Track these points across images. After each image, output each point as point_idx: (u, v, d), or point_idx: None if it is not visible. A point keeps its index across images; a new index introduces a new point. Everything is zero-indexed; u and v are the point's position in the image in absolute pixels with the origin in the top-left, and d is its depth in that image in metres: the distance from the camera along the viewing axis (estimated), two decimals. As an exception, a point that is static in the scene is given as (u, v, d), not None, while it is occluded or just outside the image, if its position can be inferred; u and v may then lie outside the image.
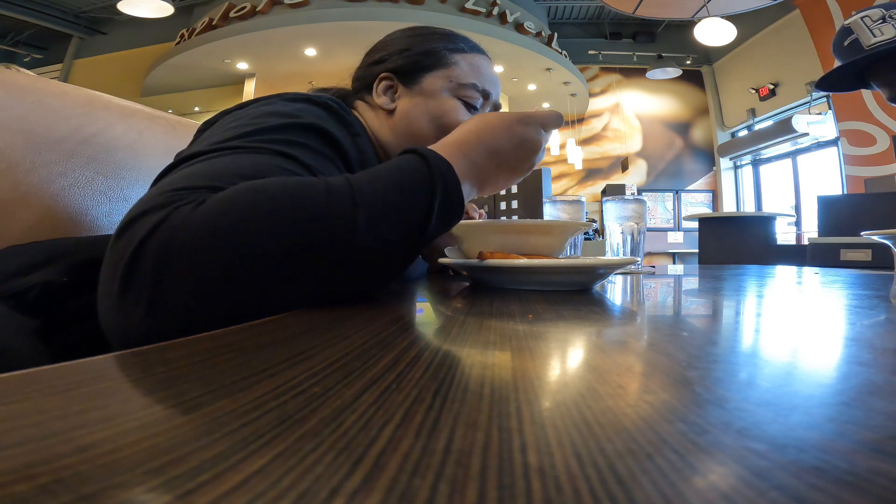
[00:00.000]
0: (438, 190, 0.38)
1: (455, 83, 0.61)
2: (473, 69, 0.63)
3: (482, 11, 5.13)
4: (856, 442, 0.11)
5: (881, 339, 0.25)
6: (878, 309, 0.37)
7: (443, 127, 0.59)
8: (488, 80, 0.64)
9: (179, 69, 5.49)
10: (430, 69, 0.61)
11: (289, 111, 0.47)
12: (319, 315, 0.32)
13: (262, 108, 0.48)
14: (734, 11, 4.48)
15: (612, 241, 0.86)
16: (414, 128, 0.61)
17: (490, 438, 0.12)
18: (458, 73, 0.61)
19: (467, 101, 0.61)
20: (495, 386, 0.16)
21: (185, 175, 0.37)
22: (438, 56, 0.62)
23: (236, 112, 0.51)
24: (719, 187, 6.61)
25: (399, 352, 0.21)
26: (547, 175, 3.73)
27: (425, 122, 0.60)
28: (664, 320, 0.36)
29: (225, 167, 0.38)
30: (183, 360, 0.19)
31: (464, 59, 0.63)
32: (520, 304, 0.37)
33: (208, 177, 0.36)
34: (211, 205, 0.32)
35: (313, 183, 0.36)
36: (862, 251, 2.23)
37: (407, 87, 0.62)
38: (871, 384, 0.16)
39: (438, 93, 0.61)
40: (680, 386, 0.16)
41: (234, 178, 0.36)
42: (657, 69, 5.95)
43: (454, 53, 0.63)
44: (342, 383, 0.16)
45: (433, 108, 0.60)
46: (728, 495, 0.09)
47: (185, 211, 0.32)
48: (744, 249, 3.00)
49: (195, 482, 0.09)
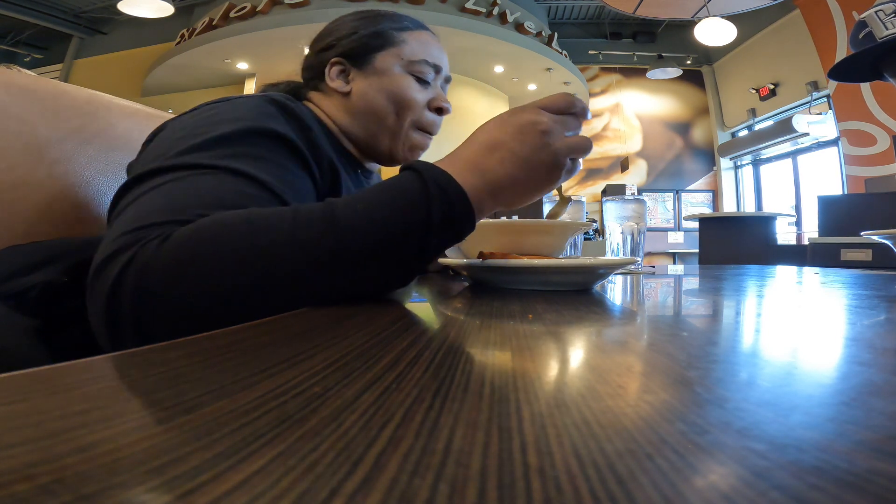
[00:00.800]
0: (435, 203, 0.36)
1: (406, 60, 0.62)
2: (422, 45, 0.64)
3: (482, 11, 5.13)
4: (856, 442, 0.11)
5: (881, 339, 0.25)
6: (879, 309, 0.37)
7: (400, 103, 0.61)
8: (436, 54, 0.66)
9: (180, 69, 5.49)
10: (379, 49, 0.63)
11: (237, 115, 0.47)
12: (320, 315, 0.32)
13: (209, 113, 0.48)
14: (734, 11, 4.48)
15: (612, 241, 0.86)
16: (373, 106, 0.62)
17: (490, 438, 0.12)
18: (407, 50, 0.63)
19: (419, 77, 0.63)
20: (495, 386, 0.16)
21: (147, 209, 0.37)
22: (387, 36, 0.63)
23: (183, 118, 0.50)
24: (719, 187, 6.61)
25: (399, 352, 0.21)
26: (547, 175, 3.74)
27: (383, 100, 0.61)
28: (664, 320, 0.36)
29: (184, 196, 0.38)
30: (183, 360, 0.19)
31: (411, 37, 0.64)
32: (520, 303, 0.37)
33: (169, 210, 0.37)
34: (176, 242, 0.33)
35: (279, 215, 0.35)
36: (862, 251, 2.23)
37: (359, 69, 0.63)
38: (871, 384, 0.16)
39: (391, 70, 0.62)
40: (680, 386, 0.16)
41: (195, 207, 0.37)
42: (657, 69, 5.94)
43: (401, 32, 0.64)
44: (342, 383, 0.16)
45: (388, 85, 0.61)
46: (728, 495, 0.09)
47: (151, 249, 0.33)
48: (744, 249, 3.00)
49: (195, 482, 0.09)
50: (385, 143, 0.63)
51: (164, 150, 0.44)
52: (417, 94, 0.62)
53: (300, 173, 0.48)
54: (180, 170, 0.41)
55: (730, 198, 6.59)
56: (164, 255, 0.33)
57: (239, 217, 0.35)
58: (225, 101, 0.51)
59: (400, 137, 0.63)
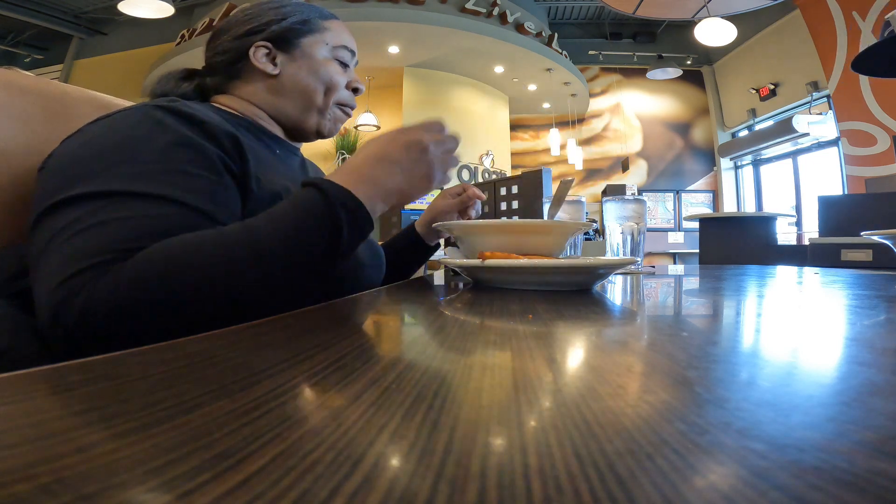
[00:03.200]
0: (343, 218, 0.44)
1: (331, 45, 0.69)
2: (340, 33, 0.71)
3: (482, 12, 5.13)
4: (856, 442, 0.11)
5: (881, 339, 0.25)
6: (878, 309, 0.37)
7: (327, 84, 0.68)
8: (352, 42, 0.73)
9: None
10: (306, 34, 0.68)
11: (129, 132, 0.48)
12: (319, 315, 0.32)
13: (100, 133, 0.48)
14: (734, 12, 4.48)
15: (612, 241, 0.86)
16: (303, 87, 0.67)
17: (490, 438, 0.12)
18: (330, 36, 0.70)
19: (341, 60, 0.70)
20: (495, 386, 0.16)
21: (84, 248, 0.39)
22: (313, 23, 0.69)
23: (71, 143, 0.49)
24: (720, 187, 6.61)
25: (399, 352, 0.21)
26: (547, 175, 3.72)
27: (313, 81, 0.67)
28: (664, 320, 0.36)
29: (118, 232, 0.41)
30: (183, 360, 0.19)
31: (331, 25, 0.71)
32: (520, 303, 0.37)
33: (105, 247, 0.39)
34: (124, 279, 0.37)
35: (211, 240, 0.41)
36: (863, 251, 2.23)
37: (287, 53, 0.67)
38: (871, 384, 0.16)
39: (319, 55, 0.68)
40: (680, 386, 0.16)
41: (131, 241, 0.40)
42: (657, 69, 5.94)
43: (324, 20, 0.71)
44: (342, 383, 0.16)
45: (318, 67, 0.67)
46: (728, 495, 0.09)
47: (102, 290, 0.37)
48: (744, 249, 3.00)
49: (195, 482, 0.09)
50: (313, 120, 0.69)
51: (63, 179, 0.44)
52: (340, 77, 0.69)
53: (205, 173, 0.48)
54: (101, 198, 0.42)
55: (730, 198, 6.59)
56: (117, 296, 0.37)
57: (174, 249, 0.39)
58: (106, 119, 0.50)
59: (326, 114, 0.70)
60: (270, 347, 0.23)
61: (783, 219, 3.48)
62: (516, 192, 4.13)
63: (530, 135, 7.09)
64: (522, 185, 4.00)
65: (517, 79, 6.05)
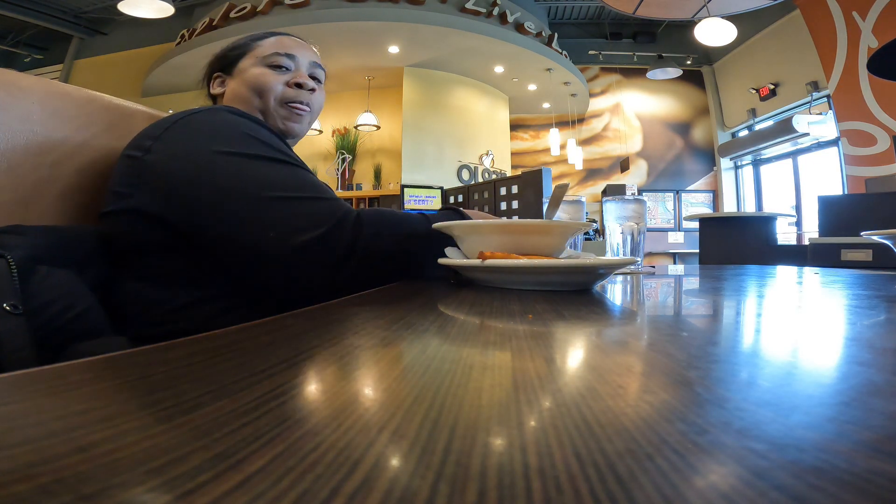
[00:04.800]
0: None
1: (261, 56, 0.78)
2: (274, 44, 0.80)
3: (482, 12, 5.13)
4: (856, 442, 0.11)
5: (881, 339, 0.25)
6: (878, 309, 0.37)
7: (257, 88, 0.76)
8: (290, 47, 0.80)
9: (180, 69, 5.49)
10: (241, 57, 0.79)
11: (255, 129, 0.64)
12: (319, 315, 0.32)
13: (246, 131, 0.62)
14: (734, 11, 4.48)
15: (612, 241, 0.86)
16: (239, 97, 0.77)
17: (490, 438, 0.12)
18: (261, 49, 0.79)
19: (276, 65, 0.78)
20: (495, 386, 0.16)
21: (326, 204, 0.59)
22: (245, 46, 0.80)
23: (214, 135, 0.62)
24: (720, 187, 6.61)
25: (398, 352, 0.21)
26: (547, 175, 3.73)
27: (245, 90, 0.77)
28: (664, 320, 0.36)
29: (320, 188, 0.62)
30: (183, 360, 0.19)
31: (266, 41, 0.80)
32: (520, 303, 0.37)
33: (335, 205, 0.60)
34: (364, 218, 0.60)
35: (399, 215, 0.65)
36: (863, 251, 2.23)
37: (230, 75, 0.80)
38: (871, 384, 0.16)
39: (249, 68, 0.78)
40: (680, 386, 0.16)
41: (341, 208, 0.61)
42: (657, 69, 5.94)
43: (257, 41, 0.80)
44: (342, 383, 0.16)
45: (248, 78, 0.77)
46: (728, 495, 0.09)
47: (353, 220, 0.59)
48: (744, 249, 3.00)
49: (195, 482, 0.09)
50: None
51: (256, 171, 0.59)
52: (272, 78, 0.77)
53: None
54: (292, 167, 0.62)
55: (730, 198, 6.59)
56: (364, 225, 0.59)
57: (384, 212, 0.64)
58: (235, 116, 0.64)
59: (271, 115, 0.77)
60: (270, 347, 0.23)
61: (783, 219, 3.48)
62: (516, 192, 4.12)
63: (530, 135, 7.09)
64: (522, 185, 4.00)
65: (517, 79, 6.05)
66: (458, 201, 4.58)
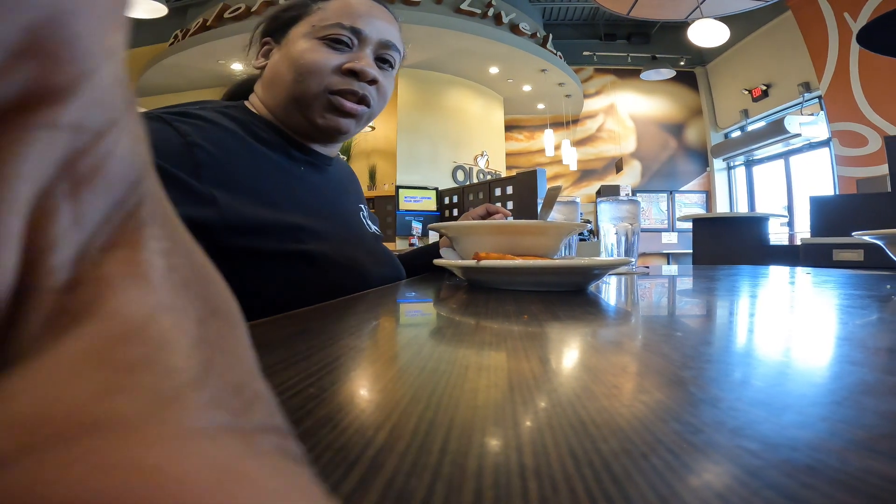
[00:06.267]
0: None
1: (317, 27, 0.60)
2: (340, 11, 0.61)
3: (478, 13, 5.13)
4: (848, 441, 0.11)
5: (873, 339, 0.26)
6: (870, 309, 0.37)
7: (300, 68, 0.58)
8: (359, 17, 0.62)
9: (174, 70, 5.46)
10: (295, 21, 0.62)
11: None
12: (314, 316, 0.32)
13: None
14: (727, 13, 4.51)
15: (606, 241, 0.87)
16: (277, 76, 0.60)
17: (486, 438, 0.12)
18: (321, 16, 0.61)
19: (333, 40, 0.60)
20: (491, 386, 0.16)
21: None
22: (301, 7, 0.62)
23: None
24: (713, 188, 6.65)
25: (394, 353, 0.21)
26: (542, 176, 3.73)
27: (284, 68, 0.60)
28: (658, 320, 0.36)
29: None
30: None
31: (331, 5, 0.62)
32: (515, 304, 0.38)
33: None
34: None
35: None
36: (854, 251, 2.25)
37: (279, 45, 0.62)
38: (863, 383, 0.17)
39: (299, 39, 0.60)
40: (674, 386, 0.16)
41: None
42: (651, 70, 5.97)
43: (320, 1, 0.62)
44: (338, 384, 0.16)
45: (293, 53, 0.59)
46: (722, 494, 0.09)
47: None
48: (737, 250, 3.02)
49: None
50: (299, 113, 0.61)
51: None
52: (321, 57, 0.59)
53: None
54: None
55: (723, 198, 6.63)
56: None
57: None
58: (170, 129, 0.49)
59: (312, 104, 0.60)
60: (266, 348, 0.23)
61: (775, 219, 3.50)
62: (511, 193, 4.13)
63: (525, 135, 7.11)
64: (517, 186, 4.00)
65: (512, 79, 6.07)
66: (453, 202, 4.59)
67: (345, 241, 0.61)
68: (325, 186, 0.65)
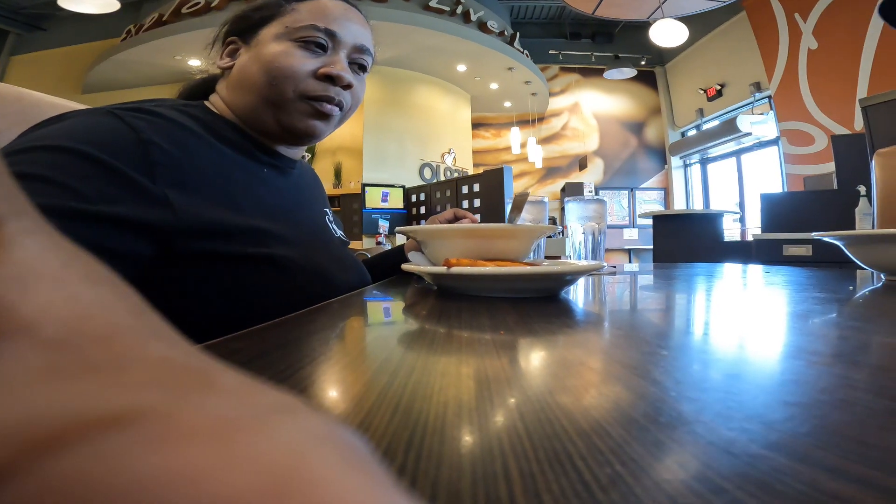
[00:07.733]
0: None
1: (291, 28, 0.59)
2: (314, 12, 0.60)
3: (446, 10, 5.13)
4: (802, 440, 0.13)
5: (825, 334, 0.28)
6: (828, 304, 0.40)
7: (273, 72, 0.57)
8: (334, 20, 0.61)
9: (126, 65, 5.24)
10: (267, 21, 0.60)
11: (68, 132, 0.45)
12: (270, 336, 0.32)
13: (53, 126, 0.46)
14: (688, 13, 4.65)
15: (573, 240, 0.89)
16: (246, 78, 0.59)
17: (464, 447, 0.12)
18: (294, 17, 0.59)
19: (306, 42, 0.59)
20: (471, 395, 0.17)
21: None
22: (275, 6, 0.60)
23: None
24: (671, 185, 6.87)
25: (362, 386, 0.21)
26: (508, 174, 3.77)
27: (256, 70, 0.58)
28: (625, 324, 0.37)
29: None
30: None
31: (305, 6, 0.61)
32: (487, 310, 0.38)
33: None
34: None
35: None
36: (803, 247, 2.37)
37: (246, 44, 0.61)
38: (821, 379, 0.18)
39: (271, 40, 0.59)
40: (642, 396, 0.17)
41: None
42: (614, 69, 6.12)
43: (294, 3, 0.61)
44: (306, 399, 0.17)
45: (265, 55, 0.58)
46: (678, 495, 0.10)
47: None
48: (695, 246, 3.13)
49: None
50: (271, 116, 0.59)
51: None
52: (296, 62, 0.58)
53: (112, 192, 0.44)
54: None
55: (680, 195, 6.86)
56: None
57: None
58: (69, 117, 0.47)
59: (286, 108, 0.58)
60: (266, 356, 0.23)
61: (729, 216, 3.65)
62: (478, 190, 4.14)
63: (492, 133, 7.17)
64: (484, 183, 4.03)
65: (479, 77, 6.10)
66: (420, 199, 4.58)
67: (310, 245, 0.59)
68: (290, 190, 0.64)
